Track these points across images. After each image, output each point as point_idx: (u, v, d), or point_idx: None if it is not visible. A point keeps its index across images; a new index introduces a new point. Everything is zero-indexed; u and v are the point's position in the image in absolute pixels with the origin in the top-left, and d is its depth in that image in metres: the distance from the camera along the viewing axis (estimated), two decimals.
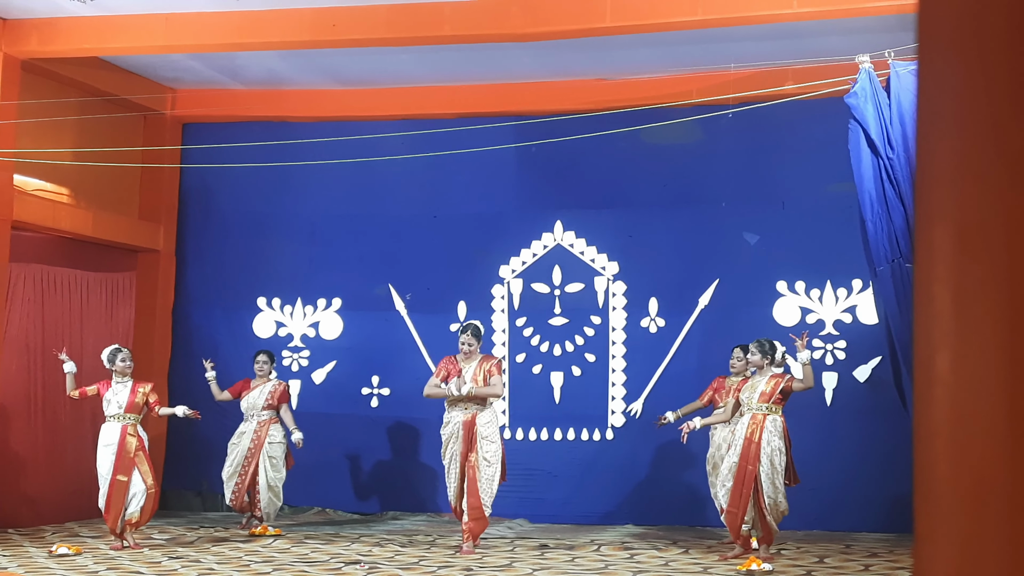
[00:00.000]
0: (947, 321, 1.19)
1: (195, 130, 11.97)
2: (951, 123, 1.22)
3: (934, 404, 1.21)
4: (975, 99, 1.20)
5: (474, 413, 9.07)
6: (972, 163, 1.20)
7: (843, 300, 10.54)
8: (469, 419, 9.06)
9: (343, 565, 8.22)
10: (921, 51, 1.28)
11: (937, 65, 1.24)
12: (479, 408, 9.11)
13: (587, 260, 11.20)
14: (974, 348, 1.18)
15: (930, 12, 1.27)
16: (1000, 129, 1.18)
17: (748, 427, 8.36)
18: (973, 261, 1.18)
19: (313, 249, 11.83)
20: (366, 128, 11.26)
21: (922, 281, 1.22)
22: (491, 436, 9.09)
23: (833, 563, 8.30)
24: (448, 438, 9.14)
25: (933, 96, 1.24)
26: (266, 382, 10.37)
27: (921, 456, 1.25)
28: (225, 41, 9.77)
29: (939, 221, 1.21)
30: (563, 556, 8.68)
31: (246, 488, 10.16)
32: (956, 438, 1.19)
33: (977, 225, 1.18)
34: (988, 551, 1.17)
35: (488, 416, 9.15)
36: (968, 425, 1.18)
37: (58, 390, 9.96)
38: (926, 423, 1.22)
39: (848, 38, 8.89)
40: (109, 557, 8.56)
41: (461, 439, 9.05)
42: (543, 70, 10.79)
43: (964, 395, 1.19)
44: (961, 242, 1.19)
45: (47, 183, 10.75)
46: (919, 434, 1.24)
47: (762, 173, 10.82)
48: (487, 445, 9.04)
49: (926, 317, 1.21)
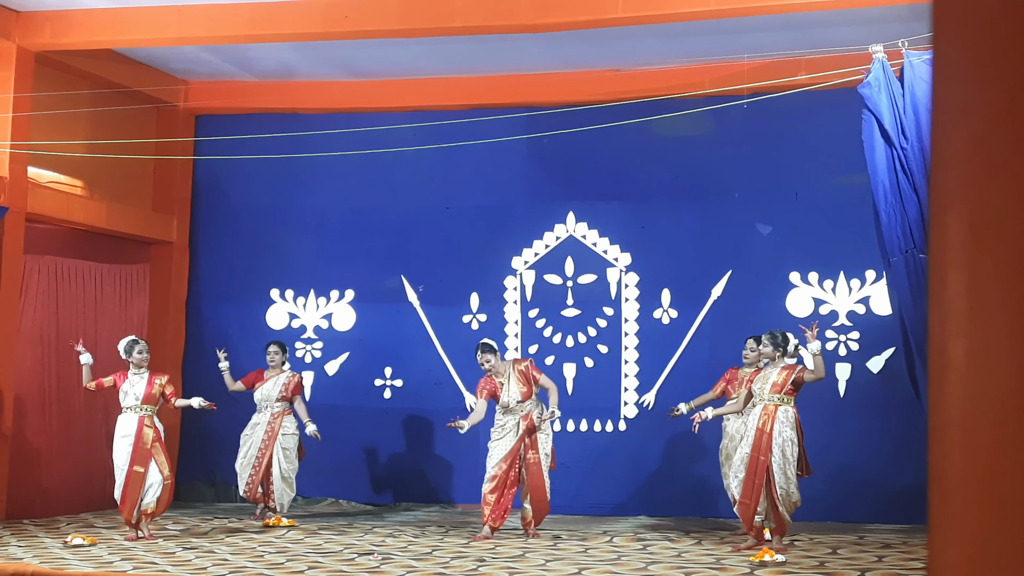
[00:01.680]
0: (961, 309, 1.19)
1: (208, 122, 11.99)
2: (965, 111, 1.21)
3: (948, 392, 1.21)
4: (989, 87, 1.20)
5: (529, 412, 9.30)
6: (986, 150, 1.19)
7: (856, 291, 10.51)
8: (527, 417, 9.27)
9: (356, 556, 8.24)
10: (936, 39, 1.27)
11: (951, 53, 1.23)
12: (532, 406, 9.33)
13: (599, 251, 11.19)
14: (988, 336, 1.17)
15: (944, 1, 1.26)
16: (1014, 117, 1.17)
17: (760, 418, 8.35)
18: (987, 248, 1.18)
19: (326, 241, 11.84)
20: (378, 120, 11.28)
21: (936, 269, 1.22)
22: (544, 428, 9.37)
23: (846, 554, 8.29)
24: (502, 436, 9.33)
25: (947, 84, 1.23)
26: (279, 373, 10.39)
27: (935, 445, 1.24)
28: (237, 33, 9.79)
29: (953, 208, 1.20)
30: (576, 547, 8.69)
31: (260, 479, 10.19)
32: (970, 426, 1.19)
33: (991, 212, 1.17)
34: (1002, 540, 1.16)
35: (539, 412, 9.39)
36: (982, 413, 1.18)
37: (72, 382, 10.00)
38: (940, 411, 1.22)
39: (861, 28, 8.85)
40: (124, 548, 8.59)
41: (519, 437, 9.24)
42: (554, 62, 10.77)
43: (978, 383, 1.18)
44: (975, 229, 1.19)
45: (61, 175, 10.79)
46: (933, 423, 1.24)
47: (775, 164, 10.79)
48: (542, 437, 9.32)
49: (940, 305, 1.21)
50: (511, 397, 9.30)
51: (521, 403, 9.32)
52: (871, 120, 7.78)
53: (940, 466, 1.22)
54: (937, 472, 1.23)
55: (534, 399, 9.35)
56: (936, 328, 1.21)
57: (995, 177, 1.18)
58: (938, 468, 1.23)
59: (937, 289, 1.21)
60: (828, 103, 9.66)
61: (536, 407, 9.34)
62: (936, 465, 1.24)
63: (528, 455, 9.25)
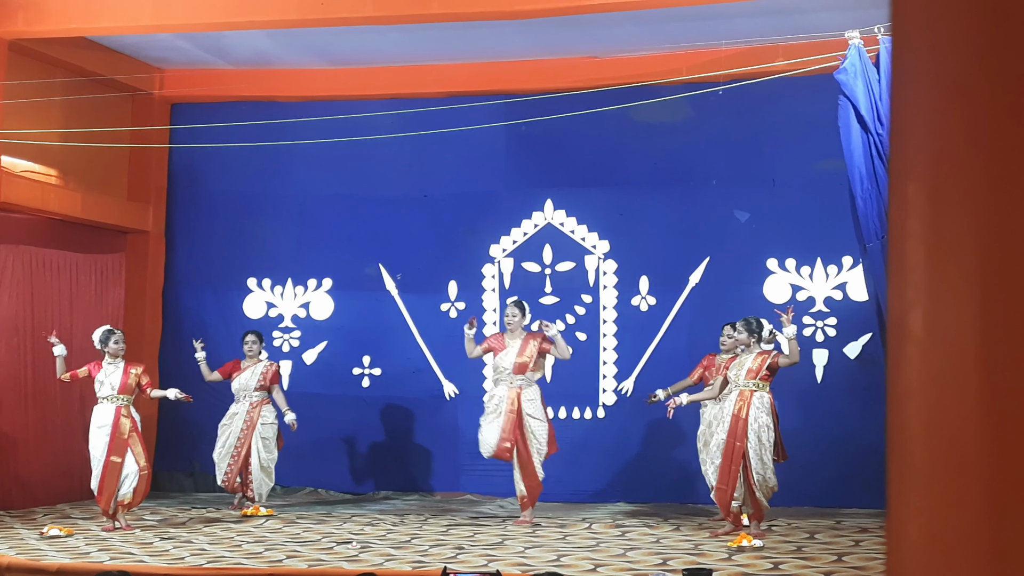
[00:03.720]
0: (920, 278, 1.18)
1: (183, 110, 11.91)
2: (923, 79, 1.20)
3: (907, 363, 1.20)
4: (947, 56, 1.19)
5: (519, 388, 9.19)
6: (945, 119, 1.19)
7: (833, 277, 10.54)
8: (514, 395, 9.18)
9: (335, 544, 8.22)
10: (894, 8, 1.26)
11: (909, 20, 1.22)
12: (524, 383, 9.23)
13: (577, 239, 11.18)
14: (947, 306, 1.16)
15: None
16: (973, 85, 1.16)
17: (736, 404, 8.37)
18: (946, 218, 1.17)
19: (303, 229, 11.79)
20: (355, 107, 11.23)
21: (895, 239, 1.21)
22: (536, 414, 9.25)
23: (824, 539, 8.32)
24: (491, 412, 9.28)
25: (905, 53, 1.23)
26: (257, 363, 10.35)
27: (894, 417, 1.23)
28: (213, 20, 9.73)
29: (912, 177, 1.19)
30: (555, 534, 8.70)
31: (239, 469, 10.15)
32: (929, 398, 1.18)
33: (950, 182, 1.17)
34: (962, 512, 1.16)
35: (532, 393, 9.30)
36: (941, 384, 1.17)
37: (48, 372, 9.94)
38: (899, 383, 1.21)
39: (838, 14, 8.86)
40: (101, 538, 8.56)
41: (505, 412, 9.14)
42: (532, 48, 10.74)
43: (937, 353, 1.18)
44: (934, 199, 1.18)
45: (35, 164, 10.70)
46: (892, 394, 1.23)
47: (752, 151, 10.80)
48: (535, 424, 9.21)
49: (899, 274, 1.20)
50: (506, 360, 9.28)
51: (511, 374, 9.27)
52: (847, 106, 7.80)
53: (899, 436, 1.22)
54: (896, 442, 1.22)
55: (527, 376, 9.29)
56: (895, 298, 1.21)
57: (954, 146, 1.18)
58: (897, 438, 1.22)
59: (896, 259, 1.21)
60: (805, 89, 9.67)
61: (528, 387, 9.28)
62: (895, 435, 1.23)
63: (516, 436, 9.22)
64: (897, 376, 1.23)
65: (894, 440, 1.24)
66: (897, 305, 1.21)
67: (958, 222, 1.16)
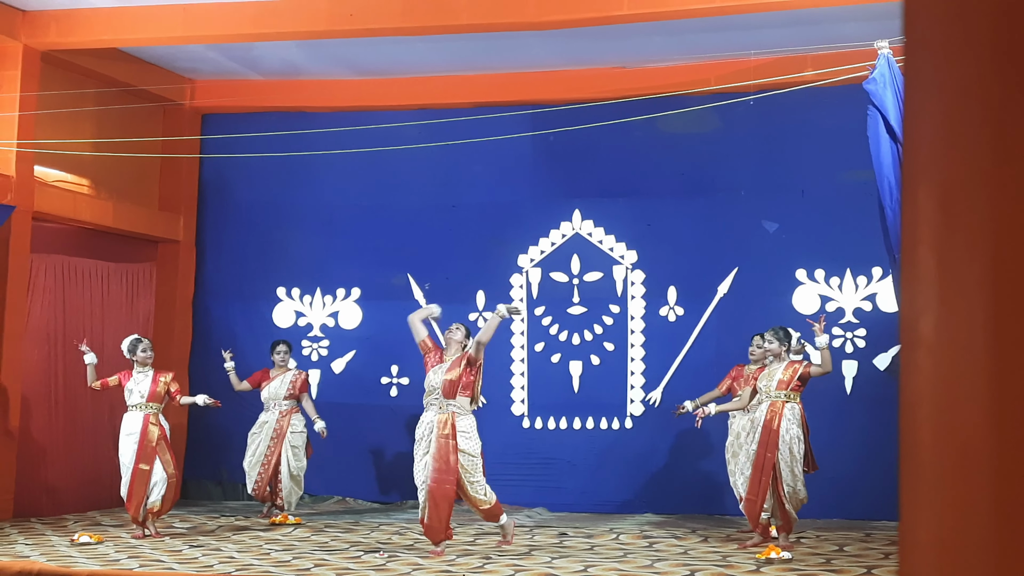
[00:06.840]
0: (931, 284, 1.18)
1: (214, 120, 12.01)
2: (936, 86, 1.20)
3: (918, 369, 1.20)
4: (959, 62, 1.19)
5: (451, 414, 8.00)
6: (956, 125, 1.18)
7: (863, 288, 10.48)
8: (444, 421, 7.97)
9: (362, 553, 8.24)
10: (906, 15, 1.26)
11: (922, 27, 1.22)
12: (457, 410, 8.03)
13: (605, 249, 11.18)
14: (958, 311, 1.16)
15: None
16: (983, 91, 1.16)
17: (767, 415, 8.32)
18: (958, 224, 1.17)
19: (331, 239, 11.85)
20: (383, 118, 11.27)
21: (907, 244, 1.21)
22: (470, 449, 8.00)
23: (853, 551, 8.26)
24: (420, 439, 8.12)
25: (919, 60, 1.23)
26: (285, 372, 10.41)
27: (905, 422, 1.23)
28: (243, 31, 9.80)
29: (924, 183, 1.19)
30: (582, 544, 8.68)
31: (269, 478, 10.20)
32: (940, 404, 1.18)
33: (961, 187, 1.17)
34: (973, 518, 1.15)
35: (466, 424, 8.05)
36: (952, 390, 1.17)
37: (79, 380, 10.02)
38: (910, 388, 1.21)
39: (866, 24, 8.82)
40: (131, 546, 8.61)
41: (435, 441, 7.94)
42: (560, 59, 10.76)
43: (948, 359, 1.17)
44: (946, 205, 1.18)
45: (67, 174, 10.81)
46: (903, 399, 1.23)
47: (781, 161, 10.77)
48: (466, 460, 7.99)
49: (911, 281, 1.20)
50: (436, 378, 8.10)
51: (440, 397, 8.04)
52: (876, 116, 7.75)
53: (911, 441, 1.22)
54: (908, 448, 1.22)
55: (458, 401, 8.02)
56: (907, 304, 1.20)
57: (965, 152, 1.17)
58: (909, 443, 1.22)
59: (908, 265, 1.21)
60: (834, 100, 9.63)
61: (462, 416, 8.02)
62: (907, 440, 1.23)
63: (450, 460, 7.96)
64: (909, 382, 1.23)
65: (906, 445, 1.24)
66: (908, 311, 1.21)
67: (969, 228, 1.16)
